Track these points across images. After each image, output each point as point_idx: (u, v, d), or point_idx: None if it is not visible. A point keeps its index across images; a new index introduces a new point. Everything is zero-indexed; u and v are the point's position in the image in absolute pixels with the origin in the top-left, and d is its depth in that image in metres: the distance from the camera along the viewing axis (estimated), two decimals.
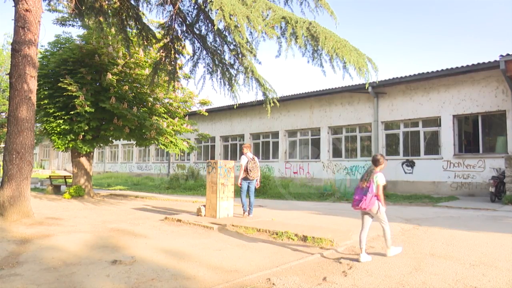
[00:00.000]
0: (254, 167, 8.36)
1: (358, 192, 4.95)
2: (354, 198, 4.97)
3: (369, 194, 4.80)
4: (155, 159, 28.47)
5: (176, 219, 8.11)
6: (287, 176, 18.95)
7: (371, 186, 4.83)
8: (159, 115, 13.45)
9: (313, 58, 7.99)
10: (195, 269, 4.46)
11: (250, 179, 8.38)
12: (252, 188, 8.50)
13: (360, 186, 4.95)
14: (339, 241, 5.72)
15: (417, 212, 9.53)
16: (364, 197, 4.81)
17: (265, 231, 6.61)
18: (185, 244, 5.89)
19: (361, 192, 4.89)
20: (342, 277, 4.08)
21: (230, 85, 10.02)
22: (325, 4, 8.21)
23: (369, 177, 4.89)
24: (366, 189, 4.84)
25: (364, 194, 4.83)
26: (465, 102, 13.73)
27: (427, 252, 5.13)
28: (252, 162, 8.37)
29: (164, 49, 10.30)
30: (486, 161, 13.07)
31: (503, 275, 4.02)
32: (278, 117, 19.66)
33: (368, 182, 4.86)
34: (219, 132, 23.27)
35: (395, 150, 15.74)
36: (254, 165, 8.38)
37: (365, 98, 16.38)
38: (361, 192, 4.89)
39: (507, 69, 11.41)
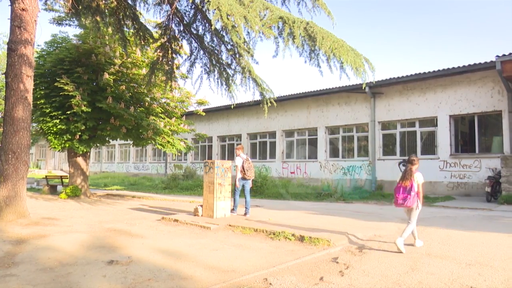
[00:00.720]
0: (250, 167, 8.65)
1: (401, 191, 5.39)
2: (397, 197, 5.44)
3: (413, 193, 5.29)
4: (152, 159, 28.41)
5: (173, 219, 8.10)
6: (284, 176, 18.97)
7: (413, 186, 5.30)
8: (156, 115, 13.43)
9: (310, 58, 8.00)
10: (192, 269, 4.46)
11: (247, 178, 8.63)
12: (248, 188, 8.73)
13: (403, 185, 5.39)
14: (336, 241, 5.73)
15: None
16: (409, 196, 5.29)
17: (262, 231, 6.62)
18: (182, 244, 5.89)
19: (404, 191, 5.35)
20: (339, 277, 4.09)
21: (227, 85, 10.01)
22: (322, 4, 8.23)
23: (410, 177, 5.35)
24: (409, 188, 5.31)
25: (408, 193, 5.30)
26: (461, 102, 13.79)
27: (424, 251, 5.15)
28: (247, 162, 8.61)
29: (161, 48, 10.28)
30: (482, 161, 13.13)
31: (499, 275, 4.04)
32: (275, 117, 19.67)
33: (410, 181, 5.33)
34: (216, 132, 23.25)
35: (391, 150, 15.79)
36: (250, 165, 8.67)
37: (362, 98, 16.41)
38: (404, 191, 5.35)
39: (503, 70, 11.47)
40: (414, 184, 5.33)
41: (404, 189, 5.37)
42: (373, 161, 15.86)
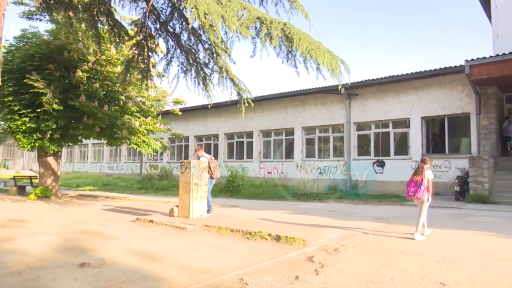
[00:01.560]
0: (216, 167, 8.82)
1: (412, 185, 6.12)
2: (408, 189, 6.17)
3: (422, 187, 6.02)
4: (127, 158, 27.85)
5: (148, 220, 7.96)
6: (261, 176, 19.02)
7: (423, 181, 6.02)
8: (131, 114, 13.17)
9: (288, 59, 8.04)
10: (167, 270, 4.40)
11: (214, 177, 8.76)
12: (210, 188, 8.87)
13: (414, 179, 6.11)
14: (312, 240, 5.79)
15: (387, 211, 9.80)
16: (419, 189, 6.02)
17: (238, 231, 6.61)
18: (157, 245, 5.80)
19: (415, 185, 6.07)
20: (314, 275, 4.13)
21: (205, 84, 9.92)
22: (300, 6, 8.28)
23: (421, 172, 6.06)
24: (420, 182, 6.03)
25: (418, 187, 6.03)
26: (432, 104, 14.24)
27: (395, 249, 5.28)
28: (212, 162, 8.76)
29: (137, 46, 10.08)
30: (451, 161, 13.60)
31: (466, 271, 4.19)
32: (253, 117, 19.69)
33: (420, 177, 6.05)
34: (193, 132, 23.06)
35: (366, 150, 16.12)
36: (215, 164, 8.84)
37: (338, 99, 16.67)
38: (415, 185, 6.07)
39: (472, 74, 11.92)
40: (424, 179, 6.03)
41: (415, 183, 6.09)
42: (348, 161, 16.14)
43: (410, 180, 6.22)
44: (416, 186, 6.09)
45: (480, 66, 11.79)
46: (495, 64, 11.59)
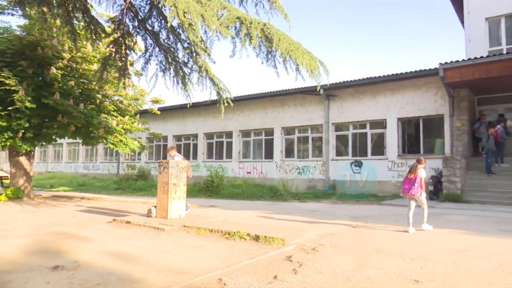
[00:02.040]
0: (188, 167, 8.81)
1: (406, 183, 6.73)
2: (404, 187, 6.78)
3: (416, 184, 6.60)
4: (103, 158, 27.28)
5: (125, 221, 7.82)
6: (240, 176, 19.00)
7: (416, 178, 6.60)
8: (108, 112, 12.88)
9: (267, 59, 8.06)
10: (144, 271, 4.33)
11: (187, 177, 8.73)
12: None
13: (408, 177, 6.70)
14: (290, 239, 5.83)
15: (364, 210, 9.97)
16: (412, 187, 6.61)
17: (217, 231, 6.58)
18: (134, 246, 5.70)
19: (409, 182, 6.67)
20: (292, 275, 4.16)
21: (184, 84, 9.82)
22: (279, 6, 8.32)
23: (415, 171, 6.63)
24: (413, 180, 6.62)
25: (412, 184, 6.62)
26: (408, 106, 14.60)
27: (372, 248, 5.39)
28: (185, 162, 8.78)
29: (114, 44, 9.87)
30: (426, 161, 13.93)
31: (439, 268, 4.32)
32: (232, 117, 19.66)
33: (414, 175, 6.62)
34: (172, 132, 22.81)
35: (344, 150, 16.36)
36: (188, 164, 8.84)
37: (317, 100, 16.86)
38: (409, 182, 6.67)
39: (445, 76, 12.30)
40: (417, 177, 6.61)
41: (409, 181, 6.69)
42: (326, 161, 16.35)
43: (405, 178, 6.83)
44: (410, 184, 6.66)
45: (453, 69, 12.17)
46: (467, 68, 11.99)
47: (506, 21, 14.43)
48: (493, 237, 6.16)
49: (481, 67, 11.80)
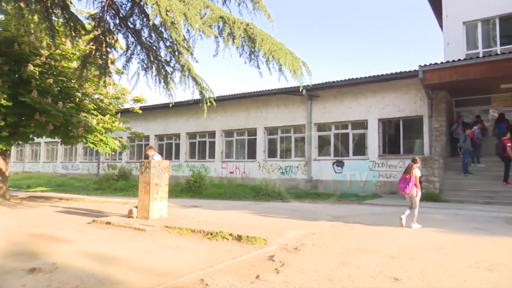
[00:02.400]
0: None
1: (402, 182, 7.11)
2: (400, 186, 7.18)
3: (411, 183, 6.98)
4: (83, 158, 26.74)
5: (105, 222, 7.68)
6: (223, 176, 18.95)
7: (411, 178, 6.96)
8: (88, 111, 12.61)
9: (250, 59, 8.05)
10: (125, 273, 4.27)
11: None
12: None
13: (404, 177, 7.10)
14: (273, 239, 5.85)
15: (345, 210, 10.09)
16: (407, 186, 6.98)
17: (199, 232, 6.54)
18: (115, 247, 5.61)
19: (405, 182, 7.05)
20: (274, 274, 4.17)
21: (166, 83, 9.72)
22: (262, 7, 8.33)
23: (410, 171, 7.02)
24: (409, 179, 6.99)
25: (407, 184, 6.99)
26: (389, 107, 14.87)
27: (353, 246, 5.46)
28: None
29: (95, 41, 9.67)
30: (406, 161, 14.21)
31: (417, 266, 4.41)
32: (215, 117, 19.58)
33: (409, 175, 6.99)
34: (154, 131, 22.55)
35: (326, 150, 16.52)
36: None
37: (300, 101, 16.97)
38: (405, 182, 7.05)
39: (425, 78, 12.58)
40: (412, 177, 6.97)
41: (404, 180, 7.07)
42: (309, 161, 16.47)
43: (401, 178, 7.25)
44: (405, 183, 7.04)
45: (432, 72, 12.46)
46: (445, 70, 12.30)
47: (482, 26, 14.88)
48: (469, 235, 6.34)
49: (459, 69, 12.13)
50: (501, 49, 14.15)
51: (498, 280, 3.88)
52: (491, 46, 14.66)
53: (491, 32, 14.79)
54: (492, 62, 11.62)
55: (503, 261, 4.58)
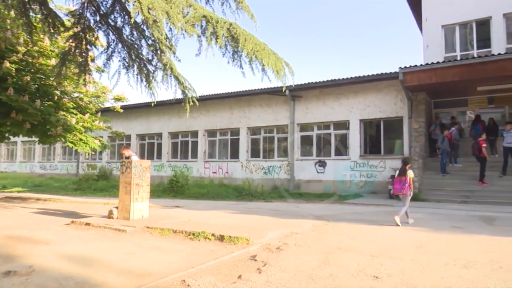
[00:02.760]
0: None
1: (397, 183, 7.53)
2: (395, 187, 7.60)
3: (406, 184, 7.38)
4: (62, 158, 26.13)
5: (84, 223, 7.52)
6: (205, 176, 18.86)
7: (406, 179, 7.38)
8: (67, 110, 12.31)
9: (233, 59, 8.04)
10: (104, 275, 4.19)
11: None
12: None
13: (399, 179, 7.51)
14: (255, 239, 5.85)
15: (327, 209, 10.19)
16: (403, 186, 7.39)
17: (181, 232, 6.49)
18: (94, 249, 5.50)
19: (400, 183, 7.46)
20: (256, 274, 4.18)
21: (148, 81, 9.60)
22: (246, 7, 8.32)
23: (404, 173, 7.42)
24: (404, 181, 7.40)
25: (403, 184, 7.41)
26: (370, 108, 15.10)
27: (335, 246, 5.52)
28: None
29: (74, 38, 9.46)
30: (386, 161, 14.51)
31: (397, 264, 4.49)
32: (198, 116, 19.47)
33: (404, 176, 7.41)
34: (135, 131, 22.24)
35: (309, 151, 16.65)
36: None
37: (283, 101, 17.04)
38: (400, 183, 7.46)
39: (405, 80, 12.84)
40: (407, 178, 7.40)
41: (400, 181, 7.48)
42: (291, 161, 16.56)
43: (396, 179, 7.64)
44: (401, 184, 7.45)
45: (412, 74, 12.73)
46: (425, 72, 12.58)
47: (460, 29, 15.29)
48: (447, 233, 6.50)
49: (437, 72, 12.43)
50: (477, 52, 14.57)
51: (473, 277, 3.99)
52: (468, 49, 15.08)
53: (468, 36, 15.21)
54: (469, 65, 11.96)
55: (479, 258, 4.72)
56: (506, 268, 4.29)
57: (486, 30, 14.81)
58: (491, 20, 14.57)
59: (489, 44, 14.61)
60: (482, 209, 9.75)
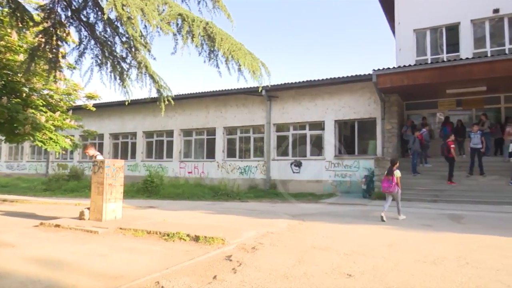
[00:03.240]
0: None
1: (385, 182, 8.14)
2: (383, 185, 8.23)
3: (393, 183, 7.99)
4: (30, 157, 25.20)
5: (54, 224, 7.28)
6: (181, 176, 18.65)
7: (393, 178, 7.99)
8: (36, 108, 11.87)
9: (210, 59, 7.98)
10: (75, 277, 4.07)
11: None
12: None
13: (387, 178, 8.10)
14: (230, 239, 5.84)
15: (302, 209, 10.30)
16: (391, 185, 8.00)
17: (156, 233, 6.39)
18: (64, 251, 5.33)
19: (388, 181, 8.06)
20: (232, 274, 4.16)
21: (122, 80, 9.38)
22: (222, 6, 8.28)
23: (392, 172, 8.01)
24: (391, 180, 8.00)
25: (390, 183, 8.00)
26: (344, 109, 15.36)
27: (309, 245, 5.58)
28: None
29: (44, 34, 9.13)
30: (360, 161, 14.81)
31: (370, 262, 4.59)
32: (173, 115, 19.23)
33: (391, 175, 8.00)
34: (108, 129, 21.73)
35: (285, 151, 16.76)
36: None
37: (259, 101, 17.08)
38: (388, 181, 8.06)
39: (378, 82, 13.13)
40: (394, 177, 8.00)
41: (387, 180, 8.08)
42: (267, 161, 16.63)
43: (383, 178, 8.27)
44: (388, 183, 8.05)
45: (385, 76, 13.05)
46: (397, 75, 12.93)
47: (431, 34, 15.80)
48: (417, 231, 6.70)
49: (409, 74, 12.79)
50: (447, 56, 15.11)
51: (442, 273, 4.13)
52: (438, 53, 15.61)
53: (438, 40, 15.75)
54: (439, 69, 12.38)
55: (447, 255, 4.89)
56: (472, 264, 4.47)
57: (455, 35, 15.37)
58: (460, 26, 15.14)
59: (458, 48, 15.18)
60: (451, 207, 10.11)
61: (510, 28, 14.51)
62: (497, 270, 4.23)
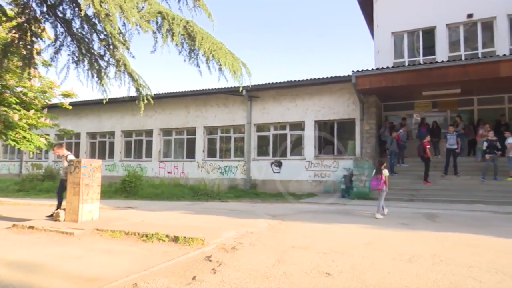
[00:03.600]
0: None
1: (374, 180, 8.75)
2: (372, 184, 8.87)
3: (381, 181, 8.58)
4: (3, 156, 24.37)
5: (27, 226, 7.05)
6: (160, 176, 18.43)
7: (382, 176, 8.58)
8: (8, 105, 11.48)
9: (190, 58, 7.92)
10: (49, 280, 3.95)
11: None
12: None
13: (375, 177, 8.71)
14: (210, 239, 5.81)
15: (282, 209, 10.35)
16: (379, 183, 8.59)
17: (134, 234, 6.28)
18: (38, 253, 5.17)
19: (376, 180, 8.66)
20: (211, 274, 4.14)
21: (99, 78, 9.18)
22: (203, 5, 8.23)
23: (380, 171, 8.60)
24: (380, 178, 8.59)
25: (379, 181, 8.59)
26: (324, 109, 15.54)
27: (289, 244, 5.61)
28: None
29: (18, 29, 8.84)
30: (339, 162, 15.00)
31: (348, 260, 4.66)
32: (153, 115, 18.98)
33: (380, 174, 8.59)
34: (85, 128, 21.24)
35: (265, 151, 16.81)
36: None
37: (240, 101, 17.07)
38: (376, 180, 8.66)
39: (357, 83, 13.35)
40: (382, 176, 8.58)
41: (376, 179, 8.68)
42: (248, 161, 16.63)
43: (372, 177, 8.86)
44: (377, 181, 8.63)
45: (363, 77, 13.27)
46: (376, 76, 13.17)
47: (408, 37, 16.19)
48: (394, 230, 6.84)
49: (387, 76, 13.06)
50: (423, 59, 15.51)
51: (417, 270, 4.23)
52: (415, 56, 16.00)
53: (415, 43, 16.14)
54: (416, 71, 12.69)
55: (422, 253, 5.01)
56: (446, 261, 4.60)
57: (431, 38, 15.80)
58: (436, 30, 15.58)
59: (434, 51, 15.61)
60: (426, 206, 10.38)
61: (483, 32, 15.03)
62: (469, 267, 4.36)
